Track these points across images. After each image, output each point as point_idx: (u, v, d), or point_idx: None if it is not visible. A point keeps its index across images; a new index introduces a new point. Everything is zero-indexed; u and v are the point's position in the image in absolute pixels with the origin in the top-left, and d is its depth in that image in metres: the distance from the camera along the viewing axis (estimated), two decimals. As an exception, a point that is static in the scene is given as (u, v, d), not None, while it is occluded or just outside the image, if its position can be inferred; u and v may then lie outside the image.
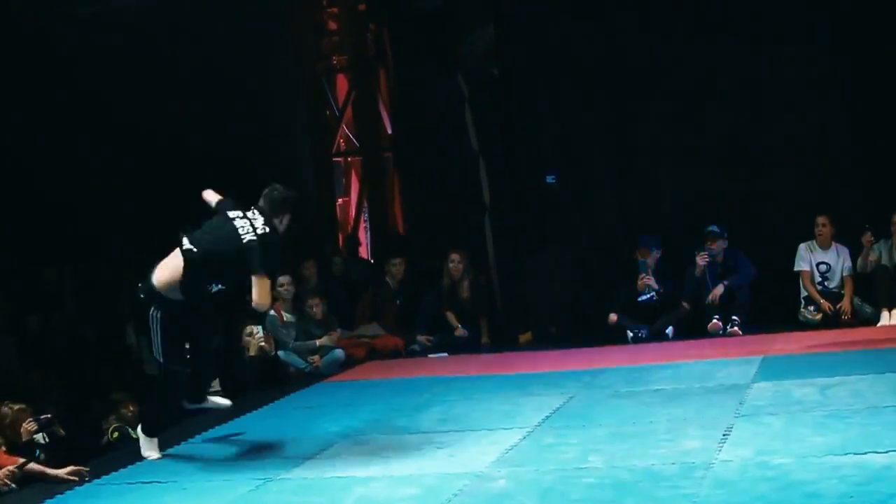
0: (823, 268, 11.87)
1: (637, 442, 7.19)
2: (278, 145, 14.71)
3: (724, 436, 7.11)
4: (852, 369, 8.85)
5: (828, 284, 11.85)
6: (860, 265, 11.70)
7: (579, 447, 7.20)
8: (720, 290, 11.74)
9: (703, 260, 11.85)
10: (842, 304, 11.67)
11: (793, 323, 11.68)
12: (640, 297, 12.02)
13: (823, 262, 11.87)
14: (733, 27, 12.39)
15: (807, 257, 11.89)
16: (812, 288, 11.81)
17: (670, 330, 11.90)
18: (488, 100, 13.52)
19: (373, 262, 15.16)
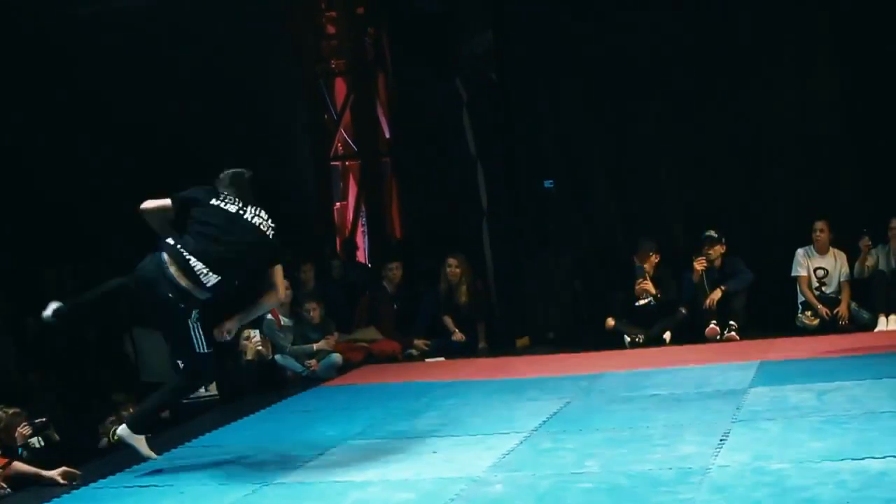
0: (821, 273, 11.87)
1: (634, 447, 7.19)
2: (276, 148, 14.71)
3: (721, 441, 7.11)
4: (849, 375, 8.85)
5: (825, 290, 11.85)
6: (857, 270, 11.70)
7: (576, 452, 7.20)
8: (718, 295, 11.74)
9: (701, 265, 11.86)
10: (839, 310, 11.67)
11: (790, 328, 11.67)
12: (638, 302, 12.02)
13: (821, 268, 11.87)
14: (732, 32, 12.42)
15: (804, 263, 11.89)
16: (809, 293, 11.81)
17: (668, 335, 11.89)
18: (487, 104, 13.53)
19: (370, 266, 15.16)
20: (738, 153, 12.54)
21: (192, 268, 7.34)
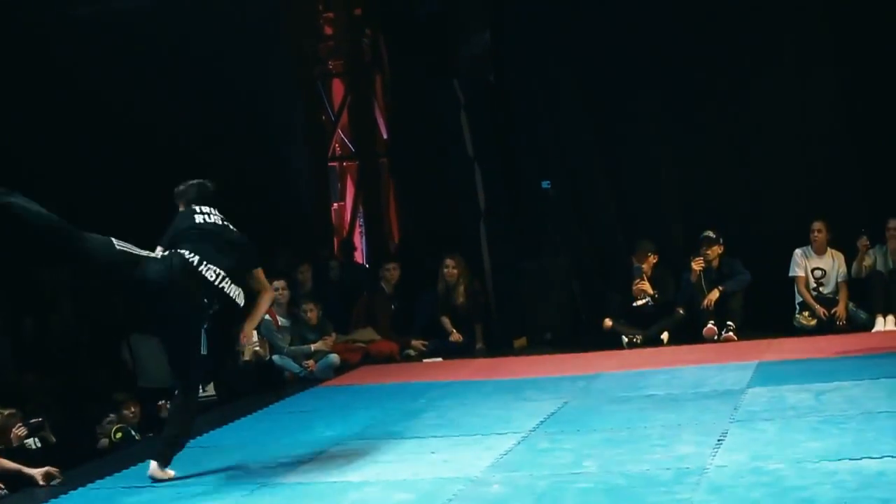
0: (818, 273, 11.88)
1: (631, 447, 7.20)
2: (274, 149, 14.71)
3: (719, 441, 7.11)
4: (847, 375, 8.86)
5: (823, 290, 11.86)
6: (855, 270, 11.71)
7: (574, 452, 7.19)
8: (715, 296, 11.75)
9: (699, 265, 11.86)
10: (837, 310, 11.68)
11: (788, 329, 11.67)
12: (636, 303, 12.02)
13: (818, 268, 11.88)
14: (731, 32, 12.42)
15: (802, 263, 11.89)
16: (807, 294, 11.81)
17: (665, 335, 11.89)
18: (484, 105, 13.53)
19: (368, 267, 15.15)
20: (737, 154, 12.55)
21: (215, 272, 7.26)
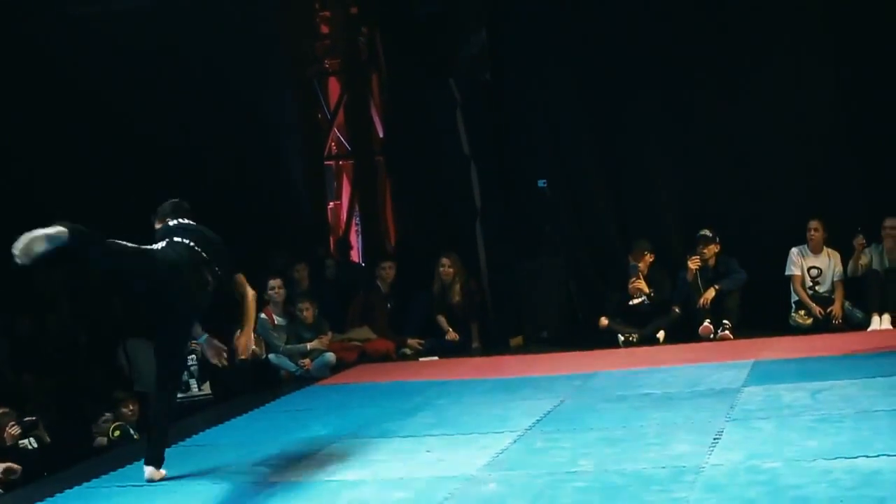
0: (814, 272, 11.88)
1: (628, 446, 7.20)
2: (270, 148, 14.72)
3: (715, 440, 7.11)
4: (843, 374, 8.87)
5: (819, 289, 11.86)
6: (851, 269, 11.71)
7: (570, 451, 7.19)
8: (711, 294, 11.75)
9: (696, 264, 11.86)
10: (832, 309, 11.68)
11: (783, 327, 11.67)
12: (632, 302, 12.02)
13: (815, 267, 11.88)
14: (728, 32, 12.41)
15: (798, 262, 11.90)
16: (803, 292, 11.82)
17: (661, 334, 11.89)
18: (480, 104, 13.52)
19: (364, 266, 15.15)
20: (733, 153, 12.53)
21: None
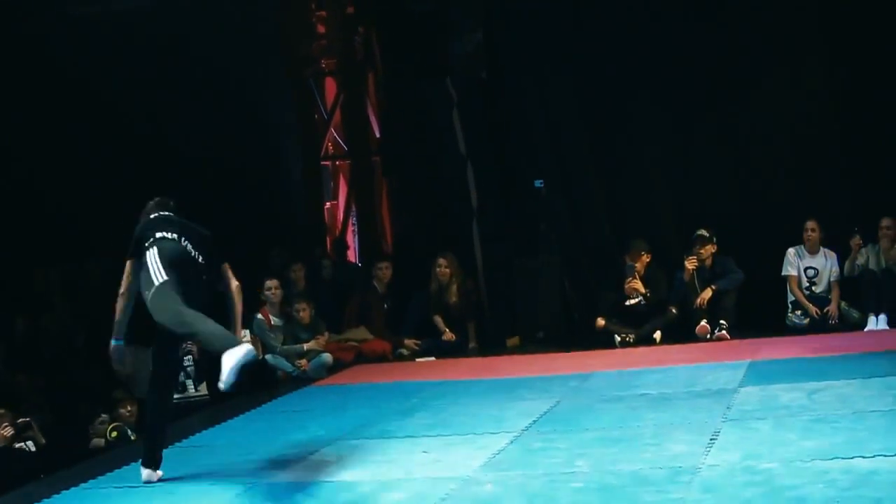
0: (811, 273, 11.88)
1: (624, 446, 7.20)
2: (267, 148, 14.72)
3: (712, 440, 7.11)
4: (839, 374, 8.87)
5: (815, 289, 11.87)
6: (847, 269, 11.72)
7: (566, 451, 7.19)
8: (708, 294, 11.75)
9: (692, 264, 11.87)
10: (829, 309, 11.69)
11: (780, 328, 11.69)
12: (628, 302, 12.02)
13: (811, 267, 11.88)
14: (724, 32, 12.41)
15: (794, 262, 11.90)
16: (799, 293, 11.82)
17: (658, 334, 11.89)
18: (477, 103, 13.53)
19: (360, 266, 15.15)
20: (730, 153, 12.55)
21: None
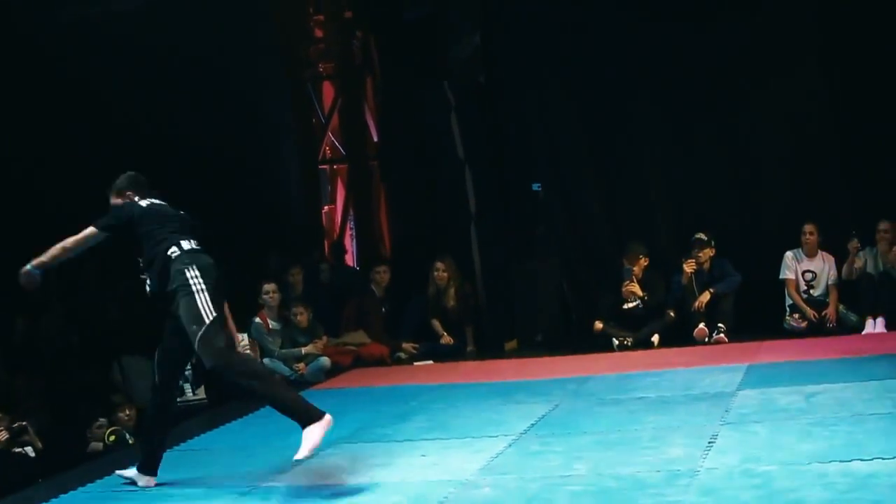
0: (809, 276, 11.88)
1: (622, 449, 7.19)
2: (265, 152, 14.70)
3: (710, 443, 7.11)
4: (837, 377, 8.87)
5: (813, 293, 11.86)
6: (845, 272, 11.71)
7: (564, 455, 7.19)
8: (706, 298, 11.75)
9: (691, 267, 11.87)
10: (827, 312, 11.69)
11: (778, 331, 11.68)
12: (626, 305, 12.02)
13: (809, 271, 11.88)
14: (720, 36, 12.41)
15: (792, 266, 11.90)
16: (797, 296, 11.82)
17: (656, 338, 11.89)
18: (475, 107, 13.53)
19: (358, 270, 15.15)
20: (728, 156, 12.54)
21: None
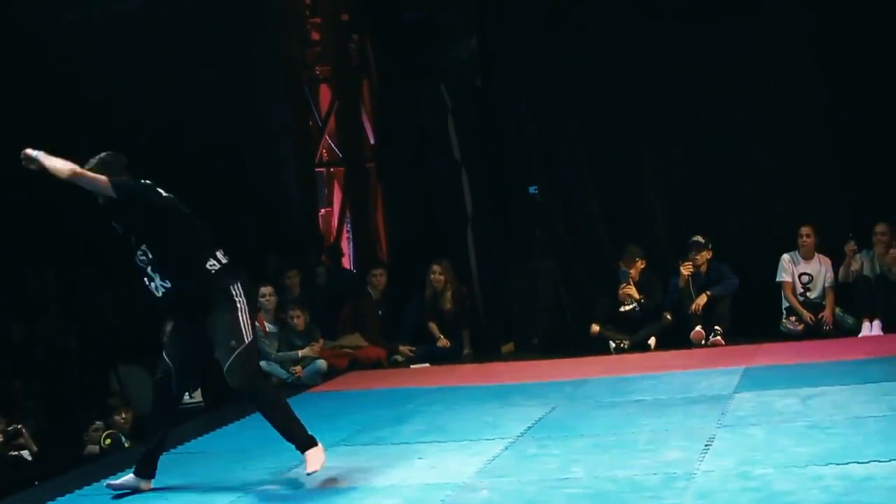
0: (805, 279, 11.88)
1: (619, 452, 7.19)
2: (262, 155, 14.72)
3: (706, 446, 7.11)
4: (834, 380, 8.87)
5: (810, 295, 11.86)
6: (842, 274, 11.71)
7: (561, 458, 7.19)
8: (703, 300, 11.75)
9: (688, 270, 11.87)
10: (823, 315, 11.69)
11: (775, 333, 11.68)
12: (623, 308, 12.02)
13: (806, 273, 11.89)
14: (718, 38, 12.41)
15: (789, 268, 11.90)
16: (793, 299, 11.82)
17: (653, 341, 11.89)
18: (471, 110, 13.54)
19: (355, 273, 15.14)
20: (725, 159, 12.53)
21: None
